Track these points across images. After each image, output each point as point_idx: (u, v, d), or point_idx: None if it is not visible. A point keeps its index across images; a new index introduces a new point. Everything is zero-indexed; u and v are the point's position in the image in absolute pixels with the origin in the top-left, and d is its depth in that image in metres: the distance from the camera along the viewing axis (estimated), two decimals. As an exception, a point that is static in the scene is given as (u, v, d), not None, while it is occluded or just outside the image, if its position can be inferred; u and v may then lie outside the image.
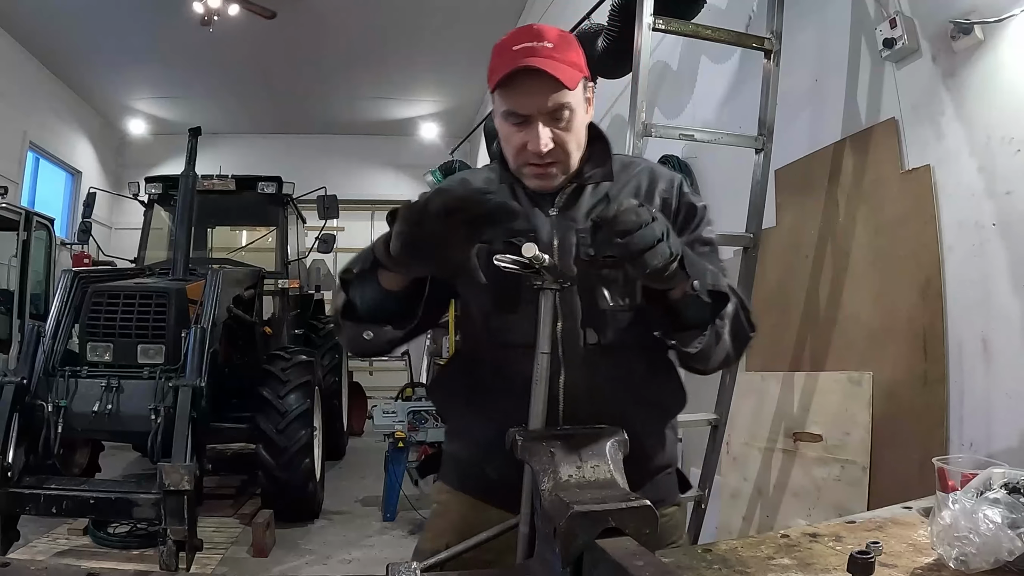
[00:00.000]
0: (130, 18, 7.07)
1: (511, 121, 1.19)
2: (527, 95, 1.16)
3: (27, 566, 1.00)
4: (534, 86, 1.15)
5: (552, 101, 1.16)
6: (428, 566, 1.02)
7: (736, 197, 2.83)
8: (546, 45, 1.16)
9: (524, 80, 1.14)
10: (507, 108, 1.19)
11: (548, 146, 1.17)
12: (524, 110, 1.17)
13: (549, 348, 1.09)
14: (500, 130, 1.24)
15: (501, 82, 1.16)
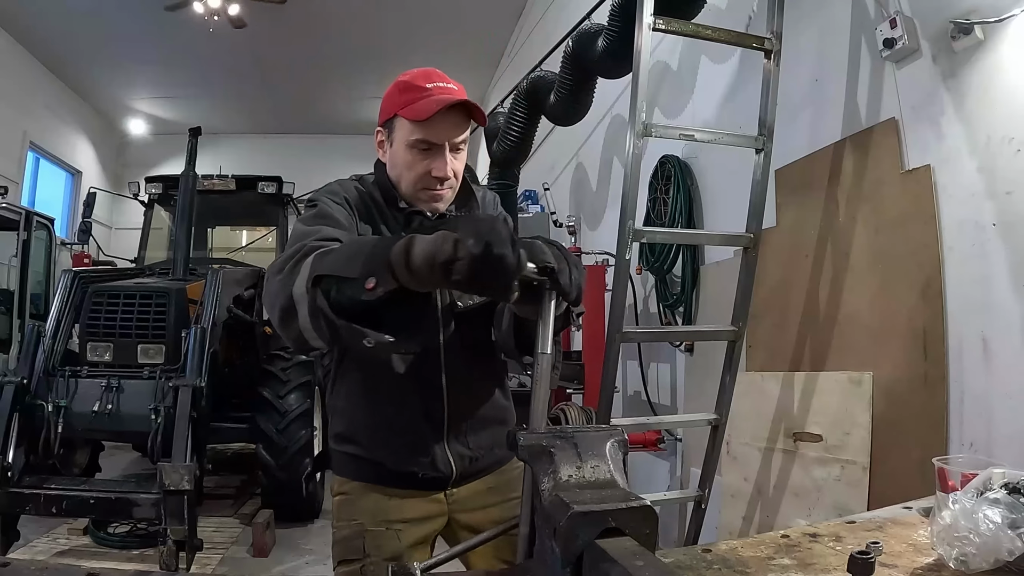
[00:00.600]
0: (131, 18, 7.08)
1: (419, 148, 1.33)
2: (444, 128, 1.32)
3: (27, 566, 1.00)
4: (451, 121, 1.32)
5: (460, 135, 1.35)
6: (428, 566, 1.02)
7: (736, 197, 2.83)
8: (454, 87, 1.34)
9: (445, 116, 1.30)
10: (420, 137, 1.32)
11: (451, 172, 1.36)
12: (439, 140, 1.33)
13: (550, 348, 1.09)
14: (400, 157, 1.37)
15: (432, 114, 1.28)
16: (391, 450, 1.40)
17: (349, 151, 10.61)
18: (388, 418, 1.40)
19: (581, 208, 5.67)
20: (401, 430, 1.40)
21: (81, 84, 8.93)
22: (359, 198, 1.43)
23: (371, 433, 1.42)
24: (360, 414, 1.43)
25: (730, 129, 2.90)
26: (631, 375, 4.39)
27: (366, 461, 1.43)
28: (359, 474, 1.46)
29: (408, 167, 1.36)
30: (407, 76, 1.38)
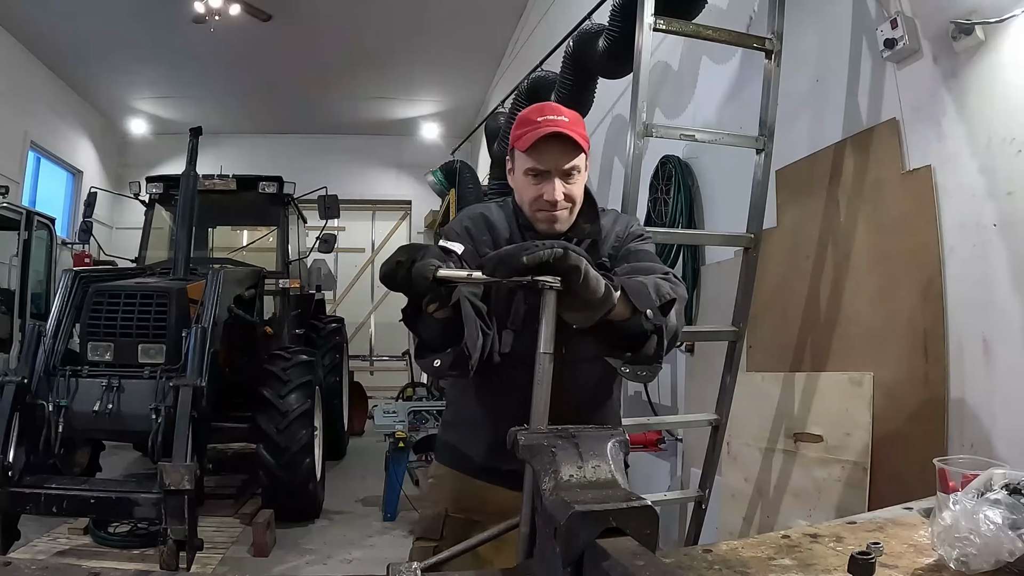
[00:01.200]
0: (131, 18, 7.07)
1: (531, 175, 1.49)
2: (550, 155, 1.47)
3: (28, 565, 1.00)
4: (556, 150, 1.46)
5: (567, 162, 1.48)
6: (428, 566, 1.02)
7: (737, 197, 2.84)
8: (563, 119, 1.47)
9: (549, 145, 1.45)
10: (531, 166, 1.48)
11: (560, 196, 1.48)
12: (545, 167, 1.47)
13: (551, 348, 1.10)
14: (519, 184, 1.54)
15: (532, 146, 1.45)
16: (481, 443, 1.54)
17: (350, 151, 10.64)
18: (487, 412, 1.54)
19: (582, 208, 5.66)
20: (494, 425, 1.39)
21: (82, 84, 8.93)
22: (482, 222, 1.59)
23: (468, 425, 1.60)
24: (464, 406, 1.63)
25: (731, 129, 2.91)
26: (631, 375, 4.38)
27: (459, 451, 1.62)
28: (451, 461, 1.64)
29: (524, 191, 1.53)
30: (525, 111, 1.55)
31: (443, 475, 1.66)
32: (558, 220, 1.51)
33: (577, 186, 1.52)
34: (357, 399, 8.21)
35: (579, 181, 1.52)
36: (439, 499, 1.63)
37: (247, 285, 5.16)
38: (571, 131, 1.46)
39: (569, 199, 1.50)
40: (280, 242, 6.25)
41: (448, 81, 9.04)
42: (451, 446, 1.67)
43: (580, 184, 1.53)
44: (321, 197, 6.24)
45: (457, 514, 1.57)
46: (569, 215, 1.53)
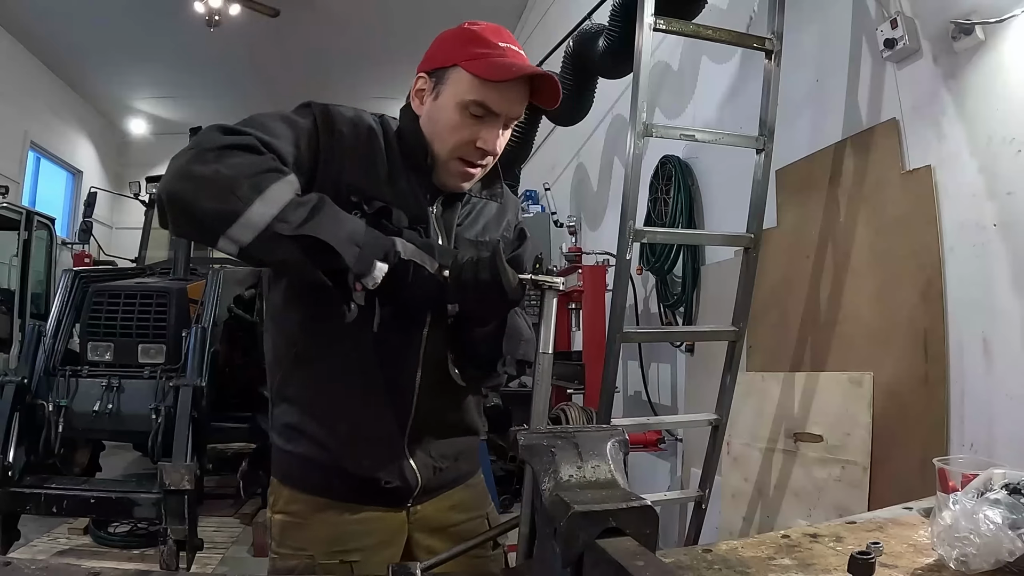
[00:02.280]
0: (132, 18, 7.08)
1: (472, 112, 1.16)
2: (510, 98, 1.16)
3: (28, 565, 1.00)
4: (517, 92, 1.16)
5: (519, 114, 1.19)
6: (428, 566, 1.02)
7: (737, 197, 2.83)
8: (523, 54, 1.18)
9: (519, 84, 1.15)
10: (479, 100, 1.15)
11: (499, 148, 1.20)
12: (499, 109, 1.16)
13: (551, 348, 1.10)
14: (445, 115, 1.18)
15: (506, 77, 1.13)
16: (353, 450, 1.20)
17: (350, 151, 10.64)
18: (352, 413, 1.20)
19: (582, 208, 5.67)
20: (366, 428, 1.21)
21: (82, 84, 8.94)
22: (365, 138, 1.21)
23: (331, 429, 1.20)
24: (320, 406, 1.22)
25: (731, 129, 2.90)
26: (631, 375, 4.39)
27: (321, 466, 1.22)
28: (309, 484, 1.24)
29: (452, 129, 1.17)
30: (475, 26, 1.21)
31: (300, 511, 1.25)
32: (473, 177, 1.22)
33: (505, 141, 1.23)
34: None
35: (508, 136, 1.24)
36: (303, 543, 1.23)
37: (247, 285, 5.15)
38: (552, 76, 1.18)
39: (497, 155, 1.23)
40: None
41: (448, 81, 9.04)
42: (307, 460, 1.23)
43: (507, 139, 1.24)
44: (321, 197, 6.23)
45: (328, 559, 1.21)
46: (482, 173, 1.25)
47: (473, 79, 1.15)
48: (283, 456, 1.28)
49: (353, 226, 1.02)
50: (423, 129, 1.22)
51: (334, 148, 1.16)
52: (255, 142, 1.06)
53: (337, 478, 1.22)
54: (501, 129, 1.18)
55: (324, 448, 1.21)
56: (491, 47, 1.16)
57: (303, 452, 1.23)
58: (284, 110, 1.20)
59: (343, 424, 1.21)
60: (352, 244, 0.99)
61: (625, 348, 3.03)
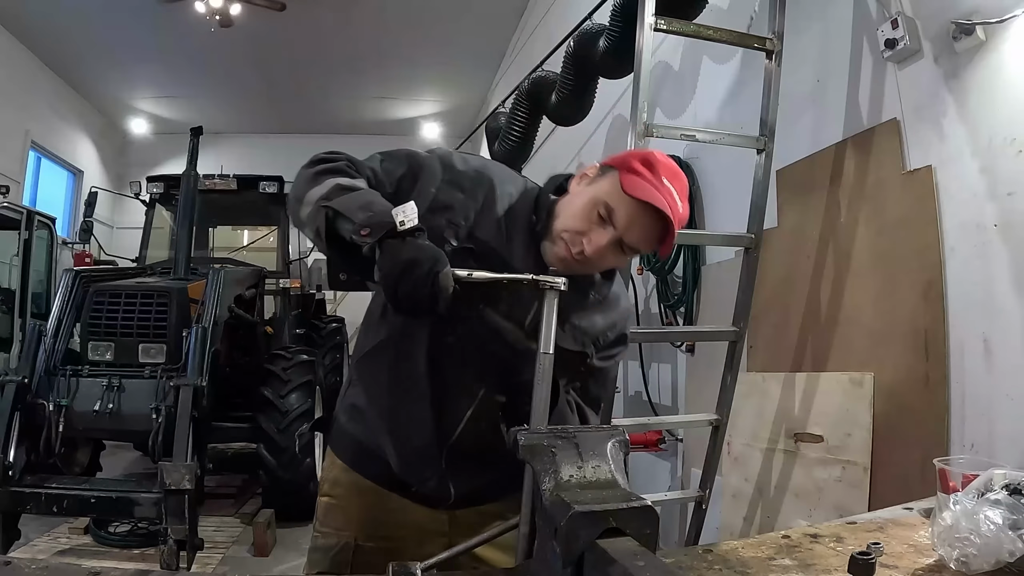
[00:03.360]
0: (132, 17, 7.08)
1: (599, 213, 1.19)
2: (635, 221, 1.18)
3: (28, 565, 1.00)
4: (647, 225, 1.18)
5: (637, 244, 1.21)
6: (428, 566, 1.02)
7: (737, 197, 2.83)
8: (680, 206, 1.19)
9: (651, 217, 1.17)
10: (611, 207, 1.18)
11: (592, 257, 1.20)
12: (620, 228, 1.18)
13: (552, 348, 1.10)
14: (579, 201, 1.23)
15: (636, 197, 1.16)
16: (394, 450, 1.30)
17: (350, 151, 10.54)
18: (401, 421, 1.29)
19: (582, 208, 5.66)
20: (409, 438, 1.29)
21: (83, 83, 8.94)
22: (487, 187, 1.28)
23: (382, 425, 1.31)
24: (380, 402, 1.32)
25: (731, 129, 2.90)
26: (632, 375, 4.39)
27: (370, 451, 1.33)
28: (358, 463, 1.36)
29: (575, 215, 1.21)
30: (655, 156, 1.24)
31: (346, 490, 1.37)
32: (564, 263, 1.22)
33: (614, 263, 1.27)
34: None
35: (620, 262, 1.28)
36: (343, 524, 1.34)
37: (247, 285, 5.17)
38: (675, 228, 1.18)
39: (598, 263, 1.23)
40: (280, 242, 6.26)
41: (448, 81, 9.04)
42: (358, 443, 1.37)
43: (615, 263, 1.28)
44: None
45: (368, 542, 1.32)
46: (580, 273, 1.25)
47: (617, 186, 1.19)
48: (343, 433, 1.41)
49: (366, 199, 1.12)
50: (559, 203, 1.27)
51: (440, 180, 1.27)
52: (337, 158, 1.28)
53: (383, 467, 1.31)
54: (614, 246, 1.20)
55: (375, 437, 1.32)
56: (653, 174, 1.18)
57: (358, 433, 1.36)
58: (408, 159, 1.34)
59: (393, 426, 1.30)
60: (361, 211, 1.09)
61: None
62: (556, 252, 1.23)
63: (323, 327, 6.92)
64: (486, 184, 1.28)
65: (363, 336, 1.39)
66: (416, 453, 1.30)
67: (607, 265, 1.26)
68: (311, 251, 6.74)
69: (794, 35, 2.68)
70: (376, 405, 1.33)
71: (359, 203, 1.10)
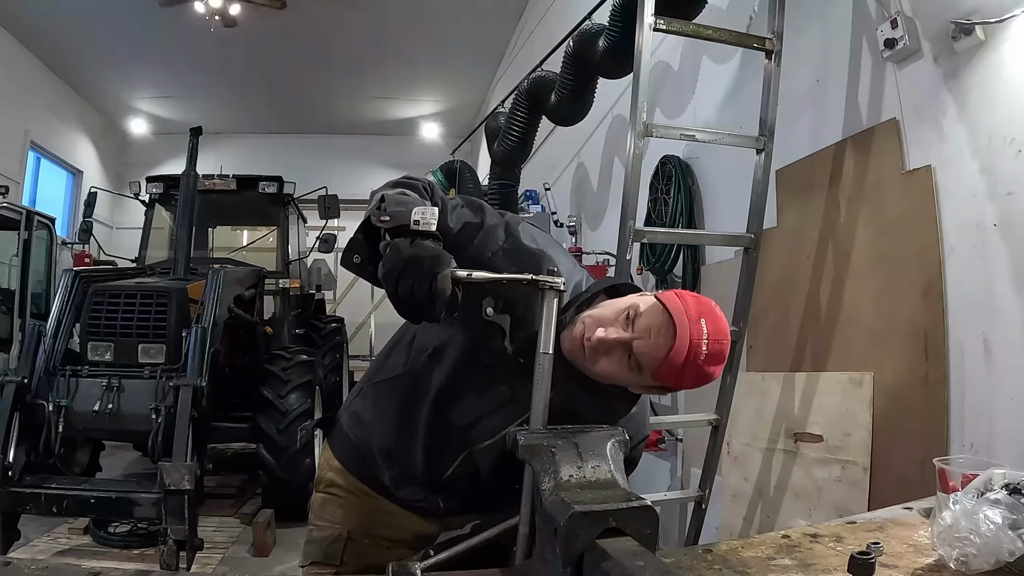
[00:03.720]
0: (132, 18, 7.08)
1: (628, 314, 1.12)
2: (651, 335, 1.09)
3: (28, 565, 1.00)
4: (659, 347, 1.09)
5: (640, 354, 1.11)
6: (428, 566, 1.02)
7: (737, 197, 2.83)
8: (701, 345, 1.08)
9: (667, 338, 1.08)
10: (641, 314, 1.12)
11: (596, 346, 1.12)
12: (635, 331, 1.11)
13: (551, 349, 1.09)
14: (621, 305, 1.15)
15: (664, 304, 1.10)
16: (387, 470, 1.34)
17: (350, 151, 10.64)
18: (399, 448, 1.31)
19: (582, 208, 5.67)
20: (403, 463, 1.32)
21: (82, 84, 8.93)
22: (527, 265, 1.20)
23: (380, 445, 1.35)
24: (382, 425, 1.35)
25: (731, 129, 2.90)
26: (632, 375, 4.38)
27: (365, 459, 1.36)
28: (355, 468, 1.38)
29: (608, 306, 1.16)
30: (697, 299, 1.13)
31: (342, 490, 1.39)
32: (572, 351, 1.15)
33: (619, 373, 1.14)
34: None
35: (626, 378, 1.16)
36: (339, 518, 1.37)
37: (247, 285, 5.16)
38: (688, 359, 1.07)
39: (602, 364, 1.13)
40: (280, 242, 6.25)
41: (448, 81, 9.04)
42: (356, 449, 1.39)
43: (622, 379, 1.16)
44: (321, 197, 6.23)
45: (362, 538, 1.35)
46: (580, 364, 1.17)
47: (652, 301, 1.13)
48: (344, 435, 1.43)
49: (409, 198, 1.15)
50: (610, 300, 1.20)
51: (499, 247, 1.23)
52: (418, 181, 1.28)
53: (376, 475, 1.35)
54: (621, 350, 1.11)
55: (372, 450, 1.35)
56: (691, 305, 1.11)
57: (357, 440, 1.38)
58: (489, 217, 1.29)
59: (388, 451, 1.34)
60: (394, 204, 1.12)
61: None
62: (571, 332, 1.16)
63: (323, 327, 6.91)
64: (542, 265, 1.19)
65: (384, 356, 1.41)
66: (406, 479, 1.33)
67: (611, 371, 1.14)
68: (311, 251, 6.75)
69: (794, 35, 2.68)
70: (377, 429, 1.36)
71: (399, 199, 1.13)
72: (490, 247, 1.22)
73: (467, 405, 1.27)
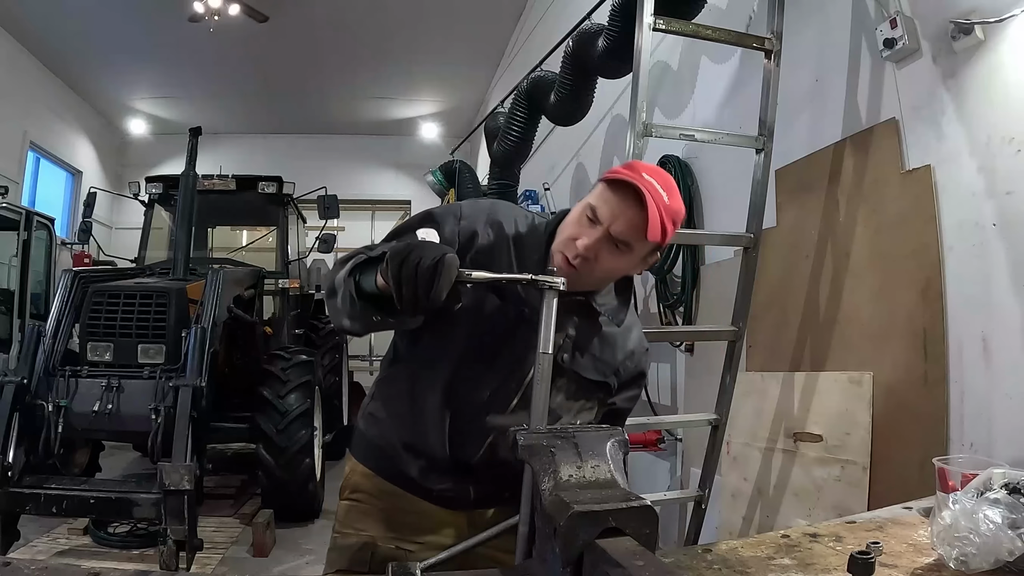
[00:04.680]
0: (131, 18, 7.07)
1: (587, 215, 1.24)
2: (618, 213, 1.20)
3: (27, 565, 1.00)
4: (630, 215, 1.20)
5: (626, 235, 1.21)
6: (428, 566, 1.02)
7: (736, 197, 2.84)
8: (663, 197, 1.20)
9: (631, 205, 1.19)
10: (594, 204, 1.23)
11: (589, 253, 1.22)
12: (606, 221, 1.21)
13: (550, 348, 1.10)
14: (572, 218, 1.28)
15: (619, 189, 1.21)
16: (413, 461, 1.34)
17: (350, 151, 10.64)
18: (422, 438, 1.33)
19: (581, 208, 5.65)
20: (428, 452, 1.33)
21: (82, 84, 8.93)
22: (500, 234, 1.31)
23: (401, 438, 1.35)
24: (400, 418, 1.36)
25: (730, 129, 2.91)
26: (631, 375, 4.38)
27: (388, 456, 1.37)
28: (378, 467, 1.39)
29: (567, 226, 1.27)
30: (636, 163, 1.32)
31: (367, 494, 1.40)
32: (567, 275, 1.16)
33: (611, 266, 1.25)
34: (357, 399, 8.21)
35: (619, 265, 1.26)
36: (364, 525, 1.37)
37: (247, 285, 5.16)
38: (660, 211, 1.18)
39: (596, 265, 1.23)
40: (280, 242, 6.25)
41: (448, 81, 9.03)
42: (377, 448, 1.41)
43: (623, 267, 1.28)
44: (321, 197, 6.24)
45: (387, 544, 1.34)
46: (577, 284, 1.22)
47: (600, 188, 1.25)
48: (362, 438, 1.45)
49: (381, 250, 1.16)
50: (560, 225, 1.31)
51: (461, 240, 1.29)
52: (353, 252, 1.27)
53: (401, 471, 1.35)
54: (608, 245, 1.22)
55: (394, 445, 1.36)
56: (631, 171, 1.23)
57: (377, 438, 1.40)
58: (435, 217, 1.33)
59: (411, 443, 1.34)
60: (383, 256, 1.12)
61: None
62: (556, 265, 1.24)
63: (322, 327, 6.91)
64: (493, 221, 1.33)
65: (390, 356, 1.45)
66: (434, 469, 1.34)
67: (609, 267, 1.26)
68: (310, 251, 6.75)
69: (793, 35, 2.69)
70: (396, 422, 1.37)
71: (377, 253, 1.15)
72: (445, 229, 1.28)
73: (479, 381, 1.30)
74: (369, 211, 10.90)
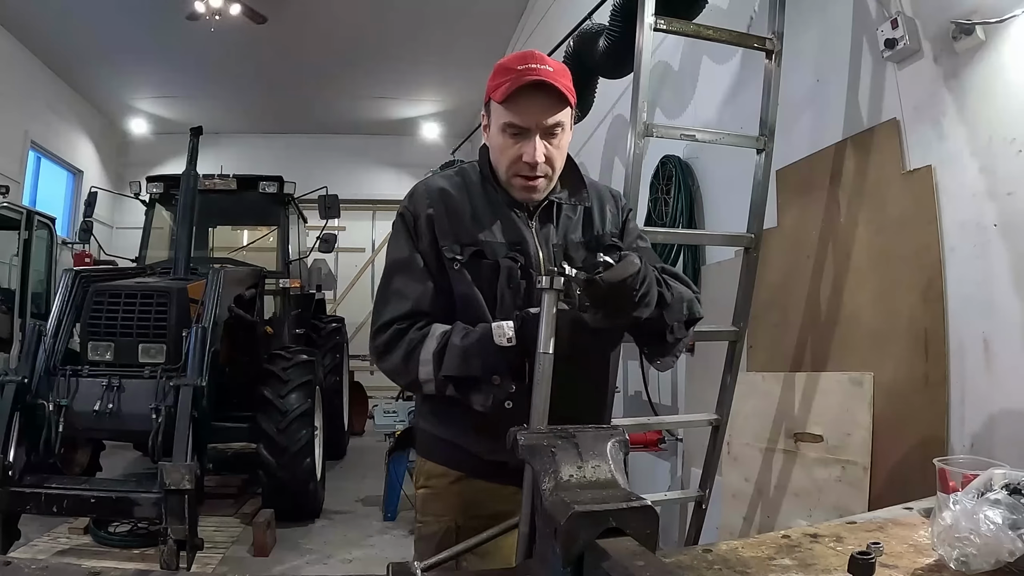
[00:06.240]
0: (132, 18, 7.07)
1: (509, 133, 1.33)
2: (531, 110, 1.30)
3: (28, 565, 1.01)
4: (538, 103, 1.30)
5: (551, 118, 1.31)
6: (428, 566, 1.02)
7: (737, 197, 2.83)
8: (547, 68, 1.31)
9: (530, 96, 1.29)
10: (508, 120, 1.31)
11: (541, 158, 1.32)
12: (526, 123, 1.31)
13: (551, 348, 1.10)
14: (495, 142, 1.37)
15: (509, 96, 1.29)
16: (482, 439, 1.34)
17: (350, 151, 10.64)
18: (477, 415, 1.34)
19: (582, 208, 5.65)
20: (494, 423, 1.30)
21: (83, 83, 8.93)
22: (438, 199, 1.40)
23: (458, 415, 1.37)
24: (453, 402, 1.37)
25: (731, 129, 2.90)
26: (632, 375, 4.39)
27: (451, 444, 1.41)
28: (449, 460, 1.44)
29: (501, 151, 1.36)
30: (504, 59, 1.37)
31: (438, 484, 1.46)
32: (536, 188, 1.36)
33: (560, 148, 1.37)
34: (357, 399, 8.21)
35: (563, 141, 1.37)
36: (442, 510, 1.43)
37: (247, 285, 5.16)
38: (555, 80, 1.29)
39: (550, 162, 1.35)
40: (280, 242, 6.25)
41: (448, 81, 9.03)
42: (444, 441, 1.45)
43: (564, 145, 1.38)
44: (321, 197, 6.24)
45: (468, 522, 1.38)
46: (548, 181, 1.38)
47: (498, 105, 1.33)
48: (425, 435, 1.51)
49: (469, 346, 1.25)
50: (491, 159, 1.42)
51: (424, 228, 1.38)
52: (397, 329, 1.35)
53: (471, 459, 1.40)
54: (542, 140, 1.32)
55: (457, 432, 1.41)
56: (510, 73, 1.31)
57: (438, 431, 1.45)
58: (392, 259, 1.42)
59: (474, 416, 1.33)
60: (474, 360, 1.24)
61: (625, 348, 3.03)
62: (519, 187, 1.37)
63: (323, 327, 6.92)
64: (432, 193, 1.41)
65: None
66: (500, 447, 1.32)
67: (558, 156, 1.36)
68: (311, 251, 6.75)
69: (794, 35, 2.68)
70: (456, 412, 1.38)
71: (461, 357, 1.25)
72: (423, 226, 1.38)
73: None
74: (370, 211, 10.90)
